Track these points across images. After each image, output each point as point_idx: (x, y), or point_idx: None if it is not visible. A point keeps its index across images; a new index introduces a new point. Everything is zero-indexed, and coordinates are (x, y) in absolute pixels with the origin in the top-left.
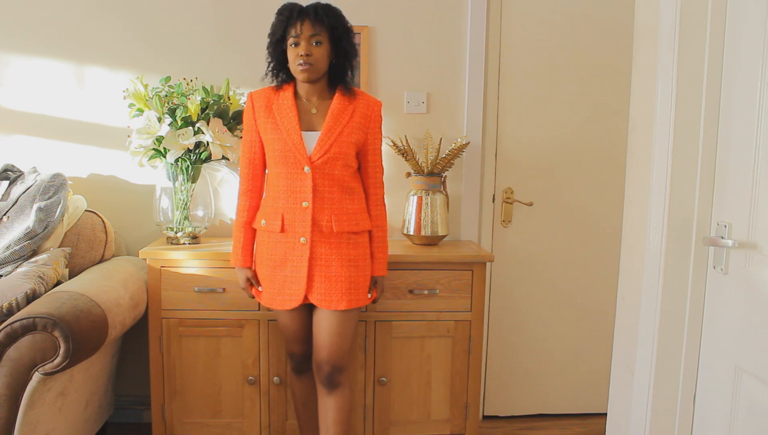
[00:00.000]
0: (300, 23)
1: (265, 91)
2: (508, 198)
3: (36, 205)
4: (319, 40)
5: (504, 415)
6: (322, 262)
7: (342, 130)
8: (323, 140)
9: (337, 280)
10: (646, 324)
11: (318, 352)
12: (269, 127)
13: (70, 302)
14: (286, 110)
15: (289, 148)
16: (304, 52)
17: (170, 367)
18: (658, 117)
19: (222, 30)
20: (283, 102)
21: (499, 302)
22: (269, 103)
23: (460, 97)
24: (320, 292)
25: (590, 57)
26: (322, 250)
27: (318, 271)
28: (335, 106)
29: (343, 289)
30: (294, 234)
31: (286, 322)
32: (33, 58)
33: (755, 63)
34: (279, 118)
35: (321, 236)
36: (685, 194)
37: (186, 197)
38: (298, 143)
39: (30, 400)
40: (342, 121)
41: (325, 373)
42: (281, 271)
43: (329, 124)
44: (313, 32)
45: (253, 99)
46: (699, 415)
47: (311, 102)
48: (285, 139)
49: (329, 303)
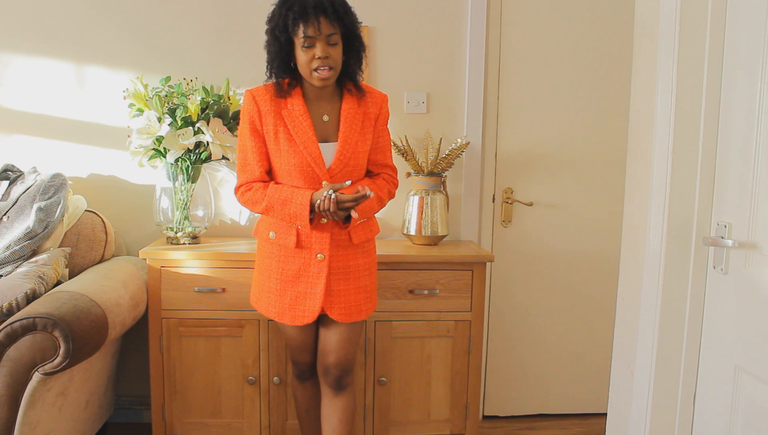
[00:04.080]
0: (316, 21)
1: (268, 91)
2: (508, 198)
3: (36, 205)
4: (335, 39)
5: (504, 415)
6: (341, 276)
7: (358, 139)
8: (342, 154)
9: (356, 292)
10: (646, 324)
11: (326, 356)
12: (282, 136)
13: (70, 302)
14: (298, 118)
15: (307, 162)
16: (323, 54)
17: (170, 367)
18: (658, 117)
19: (222, 30)
20: (293, 108)
21: (499, 302)
22: (278, 108)
23: (460, 97)
24: (339, 306)
25: (590, 57)
26: (340, 264)
27: (336, 285)
28: (347, 112)
29: (361, 300)
30: (311, 250)
31: (292, 334)
32: (33, 58)
33: (755, 63)
34: (292, 126)
35: (339, 250)
36: (685, 194)
37: (186, 197)
38: (317, 157)
39: (30, 400)
40: (356, 127)
41: (333, 377)
42: (293, 287)
43: (345, 134)
44: (329, 31)
45: (256, 100)
46: (699, 415)
47: (321, 106)
48: (302, 153)
49: (349, 316)
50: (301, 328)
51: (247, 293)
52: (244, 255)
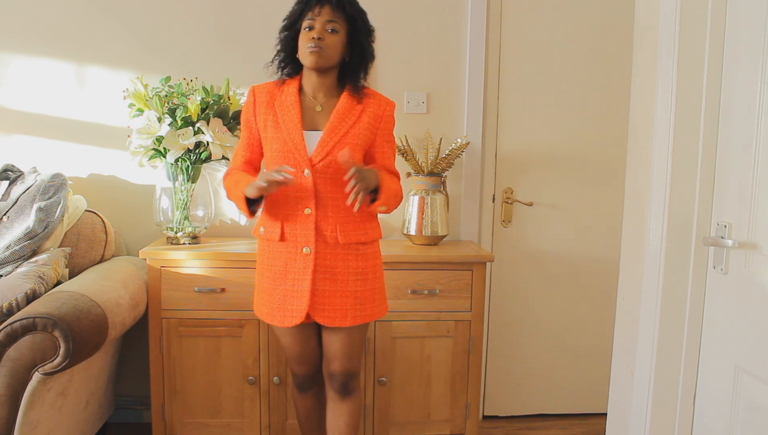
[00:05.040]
0: (319, 7)
1: (268, 85)
2: (508, 198)
3: (36, 205)
4: (335, 28)
5: (504, 415)
6: (327, 275)
7: (347, 131)
8: (325, 141)
9: (342, 295)
10: (646, 324)
11: (330, 363)
12: (269, 123)
13: (70, 302)
14: (288, 106)
15: (288, 148)
16: (317, 35)
17: (170, 367)
18: (658, 117)
19: (222, 30)
20: (286, 97)
21: (499, 302)
22: (271, 98)
23: (460, 97)
24: (324, 308)
25: (590, 57)
26: (327, 263)
27: (321, 285)
28: (341, 105)
29: (348, 305)
30: (295, 243)
31: (287, 342)
32: (33, 58)
33: (755, 62)
34: (281, 114)
35: (326, 247)
36: (685, 194)
37: (186, 197)
38: (299, 143)
39: (30, 400)
40: (348, 121)
41: (339, 383)
42: (281, 284)
43: (333, 123)
44: (330, 18)
45: (255, 93)
46: (699, 415)
47: (317, 99)
48: (285, 139)
49: (333, 320)
50: (295, 337)
51: (247, 293)
52: (244, 255)
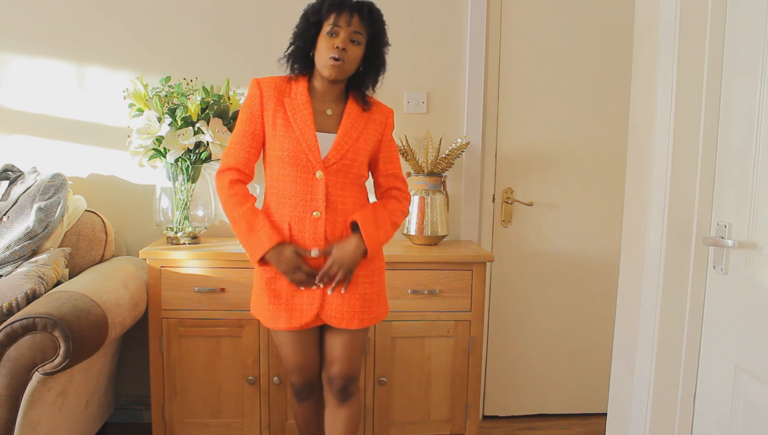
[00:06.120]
0: (349, 16)
1: (274, 79)
2: (508, 198)
3: (36, 205)
4: (359, 40)
5: (504, 415)
6: None
7: (359, 135)
8: (340, 144)
9: (350, 298)
10: (646, 324)
11: (330, 366)
12: (279, 121)
13: (70, 302)
14: (299, 106)
15: (302, 148)
16: (342, 45)
17: (170, 367)
18: (658, 117)
19: (222, 30)
20: (296, 96)
21: (499, 302)
22: (280, 95)
23: (460, 97)
24: (333, 308)
25: (590, 57)
26: None
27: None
28: (351, 111)
29: (356, 308)
30: (303, 246)
31: (288, 352)
32: (33, 58)
33: (755, 63)
34: (291, 113)
35: None
36: (685, 194)
37: (186, 197)
38: (313, 144)
39: (30, 400)
40: (358, 126)
41: (338, 387)
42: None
43: (346, 127)
44: (357, 29)
45: (261, 86)
46: (699, 415)
47: (326, 103)
48: (298, 139)
49: (340, 321)
50: (298, 347)
51: (247, 293)
52: (244, 255)
